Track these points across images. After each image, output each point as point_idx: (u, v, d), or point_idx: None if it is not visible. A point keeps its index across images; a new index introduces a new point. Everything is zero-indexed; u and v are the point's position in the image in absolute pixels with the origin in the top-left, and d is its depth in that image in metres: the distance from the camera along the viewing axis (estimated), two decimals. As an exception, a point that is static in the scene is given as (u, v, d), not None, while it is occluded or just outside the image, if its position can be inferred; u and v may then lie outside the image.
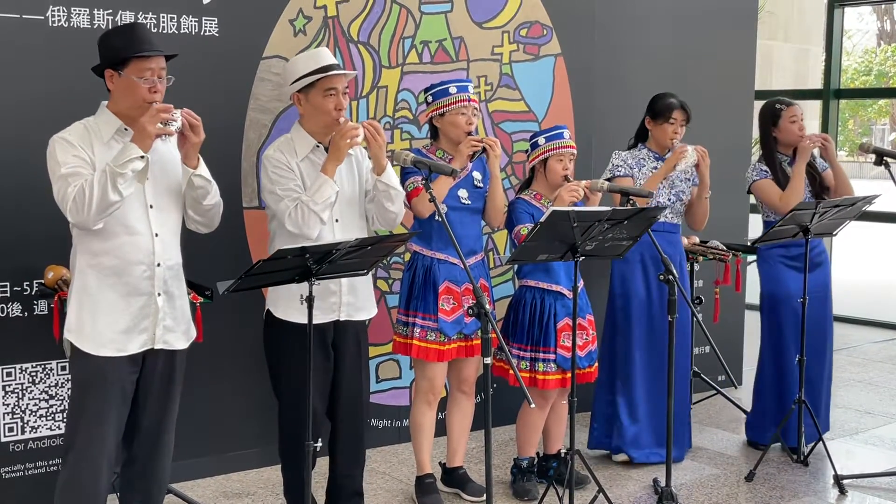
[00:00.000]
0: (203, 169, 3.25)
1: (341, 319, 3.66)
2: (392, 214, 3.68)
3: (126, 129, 3.15)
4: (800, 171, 4.79)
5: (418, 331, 4.08)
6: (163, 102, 3.11)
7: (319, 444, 3.46)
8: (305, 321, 3.37)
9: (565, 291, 4.21)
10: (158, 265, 3.20)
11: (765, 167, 4.90)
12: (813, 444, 4.81)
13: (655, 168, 4.69)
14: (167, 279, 3.24)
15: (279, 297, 3.61)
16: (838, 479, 4.49)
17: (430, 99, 4.13)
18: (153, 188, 3.19)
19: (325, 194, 3.47)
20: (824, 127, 8.85)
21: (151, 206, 3.18)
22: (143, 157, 3.03)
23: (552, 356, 4.17)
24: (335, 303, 3.63)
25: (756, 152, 5.21)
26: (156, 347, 3.23)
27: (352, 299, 3.67)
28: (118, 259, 3.14)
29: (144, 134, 3.03)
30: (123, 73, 3.10)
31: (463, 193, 4.13)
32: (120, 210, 3.07)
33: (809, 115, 13.68)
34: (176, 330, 3.29)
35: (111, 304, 3.15)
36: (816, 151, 4.93)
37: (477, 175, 4.19)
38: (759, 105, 6.49)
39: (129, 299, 3.17)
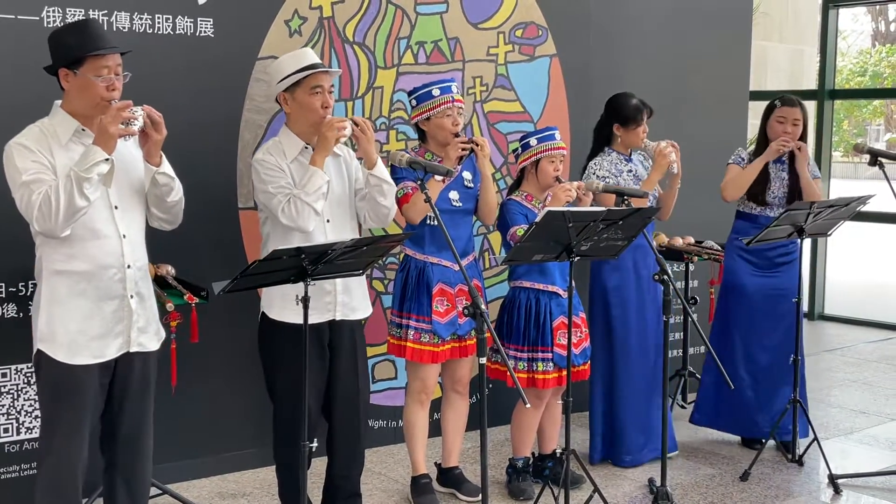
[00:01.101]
0: (166, 166, 3.17)
1: (337, 319, 3.66)
2: (385, 209, 3.68)
3: (84, 130, 3.08)
4: (754, 166, 4.84)
5: (412, 332, 4.09)
6: (136, 101, 3.04)
7: (315, 444, 3.46)
8: (300, 321, 3.37)
9: (561, 292, 4.22)
10: (129, 267, 3.13)
11: (744, 155, 4.97)
12: (808, 443, 4.81)
13: (630, 171, 4.68)
14: (138, 280, 3.17)
15: (273, 298, 3.61)
16: (833, 479, 4.50)
17: (413, 103, 4.13)
18: (117, 189, 3.11)
19: (316, 184, 3.47)
20: (819, 128, 8.86)
21: (116, 208, 3.11)
22: (107, 159, 2.94)
23: (550, 355, 4.18)
24: (330, 302, 3.63)
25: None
26: (131, 351, 3.17)
27: (346, 299, 3.67)
28: (88, 264, 3.06)
29: (107, 135, 2.94)
30: (79, 72, 3.02)
31: (454, 195, 4.13)
32: (87, 215, 3.00)
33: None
34: (148, 331, 3.23)
35: (83, 311, 3.08)
36: (810, 156, 4.93)
37: (467, 175, 4.20)
38: (753, 106, 6.52)
39: (101, 304, 3.09)
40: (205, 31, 4.32)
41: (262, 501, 4.28)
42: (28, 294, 4.00)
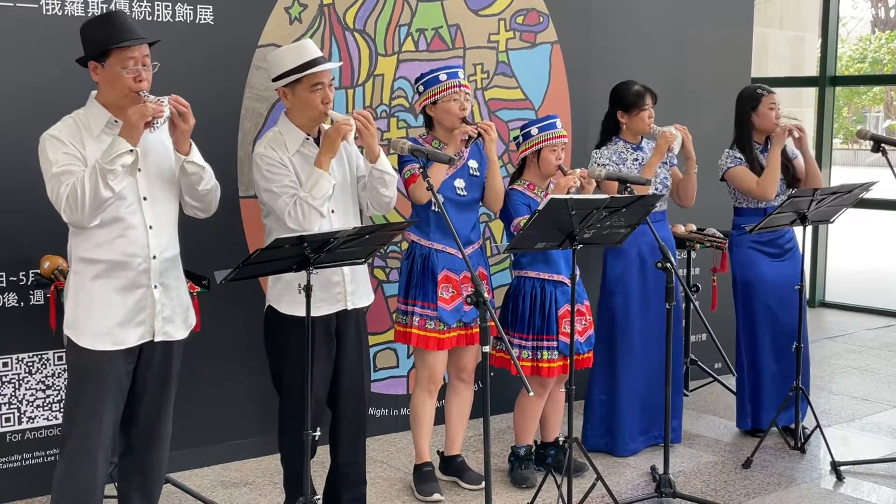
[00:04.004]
0: (195, 155, 3.20)
1: (348, 308, 3.64)
2: (386, 199, 3.66)
3: (116, 122, 3.10)
4: (775, 156, 4.81)
5: (417, 319, 4.08)
6: (150, 91, 3.06)
7: (318, 433, 3.45)
8: (313, 314, 3.37)
9: (566, 280, 4.20)
10: (154, 258, 3.17)
11: (738, 154, 4.92)
12: (810, 431, 4.82)
13: (637, 159, 4.66)
14: (163, 271, 3.21)
15: (283, 292, 3.57)
16: (835, 466, 4.50)
17: (421, 88, 4.11)
18: (146, 180, 3.15)
19: (323, 189, 3.44)
20: (820, 114, 8.84)
21: (145, 199, 3.15)
22: (131, 150, 2.98)
23: (555, 343, 4.17)
24: (340, 293, 3.61)
25: None
26: (156, 340, 3.21)
27: (354, 287, 3.66)
28: (113, 253, 3.10)
29: (131, 127, 2.98)
30: (106, 64, 3.05)
31: (459, 183, 4.12)
32: (114, 205, 3.04)
33: (805, 102, 13.69)
34: (175, 320, 3.27)
35: (107, 299, 3.12)
36: (789, 141, 4.92)
37: (473, 164, 4.18)
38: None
39: (124, 293, 3.14)
40: (204, 19, 4.30)
41: (265, 490, 4.28)
42: (28, 283, 3.99)
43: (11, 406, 4.02)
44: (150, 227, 3.15)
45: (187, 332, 3.35)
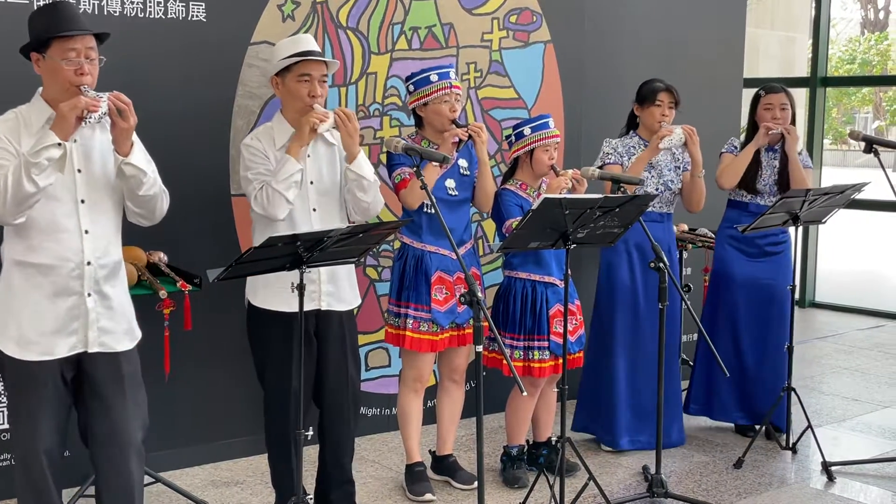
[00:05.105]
0: (136, 157, 3.00)
1: (322, 309, 3.63)
2: (364, 204, 3.62)
3: None
4: (745, 152, 4.84)
5: (411, 322, 4.06)
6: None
7: (311, 432, 3.43)
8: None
9: (557, 282, 4.20)
10: (88, 264, 3.00)
11: (737, 143, 4.99)
12: (801, 431, 4.83)
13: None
14: (99, 279, 3.04)
15: (257, 286, 3.58)
16: (826, 466, 4.51)
17: (411, 88, 4.08)
18: (86, 182, 3.01)
19: (287, 172, 3.43)
20: (811, 115, 8.86)
21: (83, 202, 3.00)
22: (59, 144, 2.84)
23: (546, 343, 4.17)
24: (314, 291, 3.59)
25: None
26: (90, 351, 3.04)
27: (332, 289, 3.63)
28: (45, 257, 2.96)
29: (63, 121, 2.85)
30: (47, 55, 2.94)
31: (450, 184, 4.10)
32: (48, 206, 2.92)
33: (796, 102, 13.71)
34: (115, 331, 3.09)
35: (37, 305, 2.98)
36: (801, 145, 4.93)
37: (463, 163, 4.17)
38: (747, 93, 6.52)
39: (55, 300, 2.99)
40: (197, 16, 4.28)
41: (255, 489, 4.26)
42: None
43: (2, 404, 3.99)
44: (86, 232, 3.00)
45: (133, 344, 3.16)
